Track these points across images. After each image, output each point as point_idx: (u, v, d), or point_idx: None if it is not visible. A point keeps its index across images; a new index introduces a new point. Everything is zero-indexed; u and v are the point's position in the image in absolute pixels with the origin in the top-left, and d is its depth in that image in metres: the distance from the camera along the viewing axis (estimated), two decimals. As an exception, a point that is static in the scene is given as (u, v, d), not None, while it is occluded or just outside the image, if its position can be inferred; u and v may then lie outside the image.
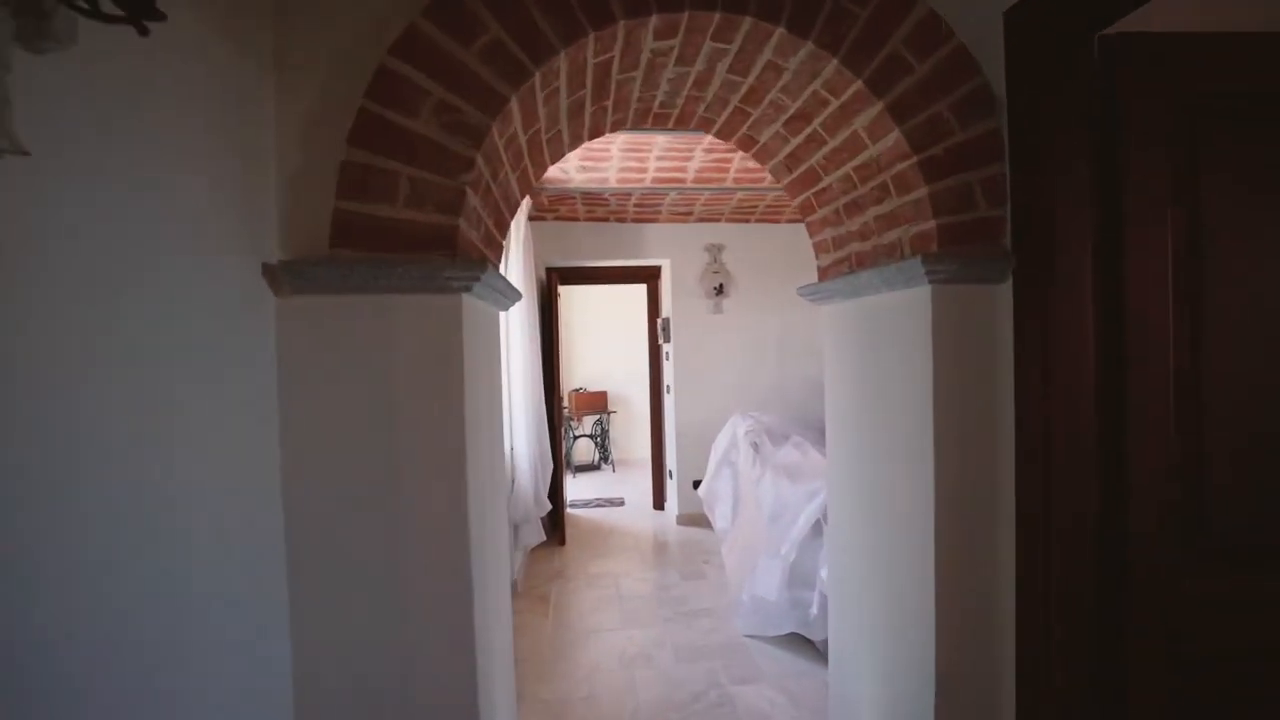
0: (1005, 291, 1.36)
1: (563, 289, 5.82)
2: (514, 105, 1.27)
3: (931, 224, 1.35)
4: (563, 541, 4.80)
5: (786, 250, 5.33)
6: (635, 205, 4.76)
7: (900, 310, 1.48)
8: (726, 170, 3.98)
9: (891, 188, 1.45)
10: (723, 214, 5.06)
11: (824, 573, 2.83)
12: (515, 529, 3.89)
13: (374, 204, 1.21)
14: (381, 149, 1.20)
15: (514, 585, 3.84)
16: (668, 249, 5.24)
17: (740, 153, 3.78)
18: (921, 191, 1.35)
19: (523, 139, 1.47)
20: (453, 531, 1.27)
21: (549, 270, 5.16)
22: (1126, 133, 1.22)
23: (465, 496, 1.27)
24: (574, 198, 4.52)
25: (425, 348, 1.24)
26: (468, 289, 1.24)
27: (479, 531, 1.35)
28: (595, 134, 1.85)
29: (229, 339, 1.08)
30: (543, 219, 5.08)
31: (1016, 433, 1.35)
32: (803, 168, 1.78)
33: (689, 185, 4.22)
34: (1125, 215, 1.21)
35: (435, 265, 1.20)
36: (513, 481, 3.81)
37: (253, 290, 1.15)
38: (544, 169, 1.84)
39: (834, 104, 1.45)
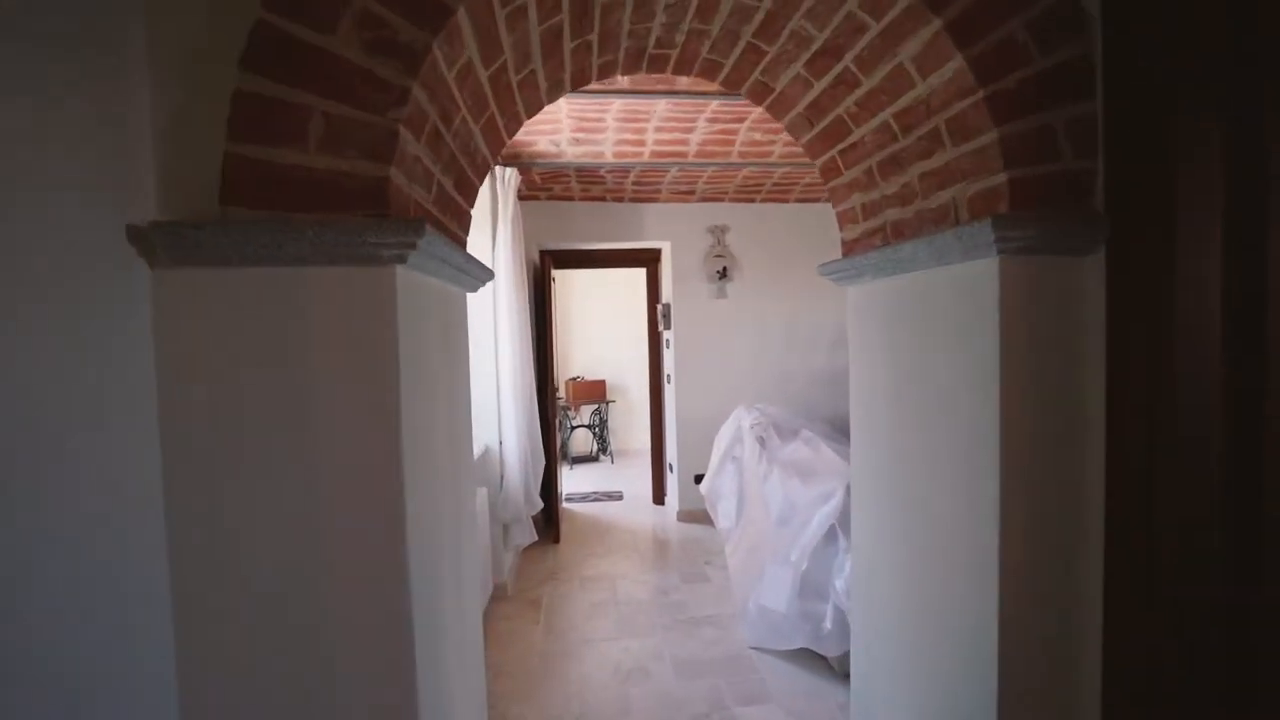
0: (1094, 266, 1.08)
1: (558, 273, 5.53)
2: (463, 20, 0.97)
3: (1002, 178, 1.06)
4: (557, 539, 4.55)
5: (794, 232, 5.02)
6: (634, 184, 4.45)
7: (955, 289, 1.20)
8: (731, 143, 3.67)
9: (945, 135, 1.16)
10: (726, 193, 4.75)
11: (839, 584, 2.56)
12: (505, 529, 3.63)
13: (277, 148, 0.92)
14: (286, 75, 0.91)
15: (504, 588, 3.58)
16: (668, 230, 4.93)
17: (745, 124, 3.47)
18: (988, 136, 1.06)
19: (483, 75, 1.18)
20: (385, 560, 0.99)
21: (543, 253, 4.86)
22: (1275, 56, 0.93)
23: (402, 518, 0.99)
24: (568, 175, 4.21)
25: (347, 336, 0.96)
26: (401, 259, 0.95)
27: (423, 555, 1.08)
28: (580, 81, 1.55)
29: (85, 325, 0.80)
30: (535, 198, 4.77)
31: (1108, 438, 1.07)
32: (827, 119, 1.48)
33: (691, 160, 3.91)
34: (1269, 170, 0.92)
35: (357, 227, 0.91)
36: (501, 479, 3.55)
37: (119, 261, 0.87)
38: (518, 123, 1.54)
39: (873, 30, 1.15)
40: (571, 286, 7.56)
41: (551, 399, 4.61)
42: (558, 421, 4.81)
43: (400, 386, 0.98)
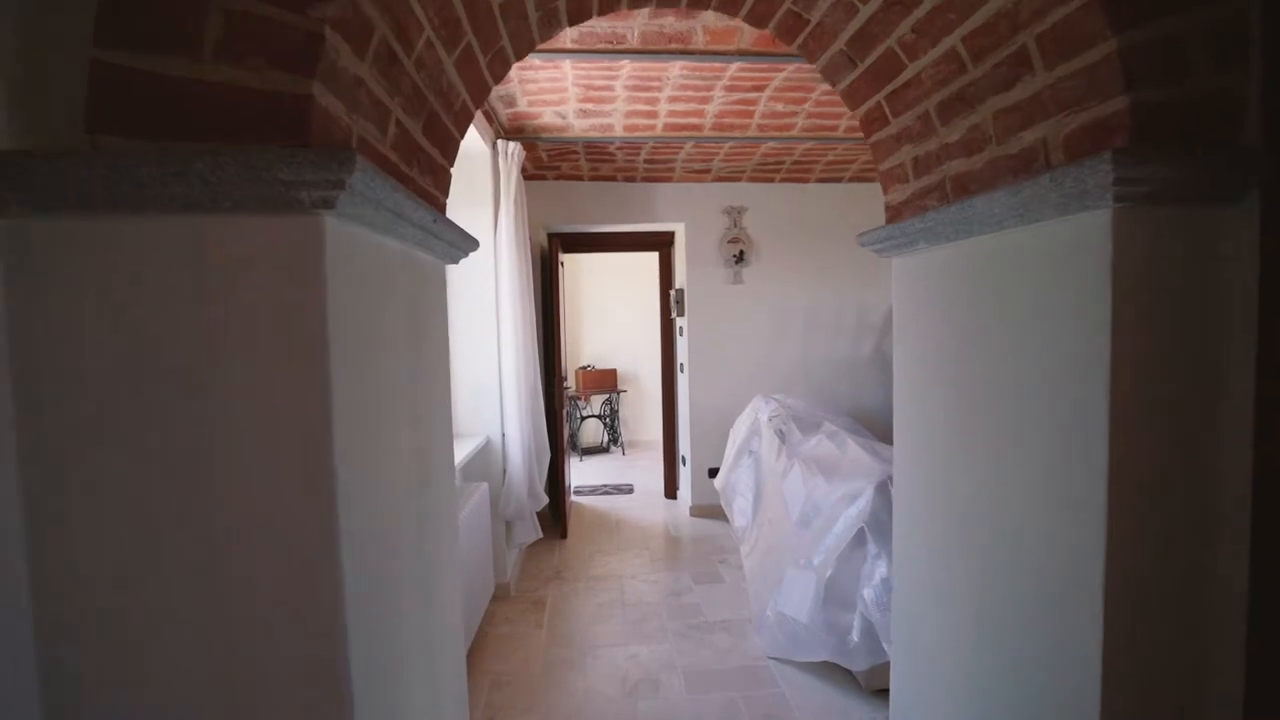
0: (1243, 217, 0.82)
1: (566, 257, 5.29)
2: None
3: (1120, 103, 0.81)
4: (564, 535, 4.35)
5: (816, 213, 4.74)
6: (646, 162, 4.20)
7: (1046, 253, 0.95)
8: (750, 115, 3.40)
9: (1036, 56, 0.91)
10: (744, 171, 4.48)
11: (868, 593, 2.33)
12: (508, 526, 3.43)
13: (161, 54, 0.69)
14: (172, -44, 0.68)
15: (506, 589, 3.38)
16: (682, 212, 4.67)
17: (766, 93, 3.20)
18: (1103, 48, 0.81)
19: (452, -16, 0.94)
20: (310, 575, 0.77)
21: (551, 236, 4.63)
22: None
23: (333, 525, 0.77)
24: (576, 151, 3.97)
25: (258, 306, 0.73)
26: (327, 203, 0.72)
27: (366, 565, 0.86)
28: (579, 13, 1.30)
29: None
30: (543, 178, 4.53)
31: (1257, 435, 0.82)
32: (875, 54, 1.23)
33: (707, 134, 3.65)
34: None
35: (263, 159, 0.69)
36: (504, 473, 3.34)
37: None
38: (504, 64, 1.31)
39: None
40: (581, 272, 7.33)
41: (559, 389, 4.40)
42: (566, 412, 4.60)
43: (331, 372, 0.75)
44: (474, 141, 3.06)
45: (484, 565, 3.03)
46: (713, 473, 4.65)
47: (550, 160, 4.17)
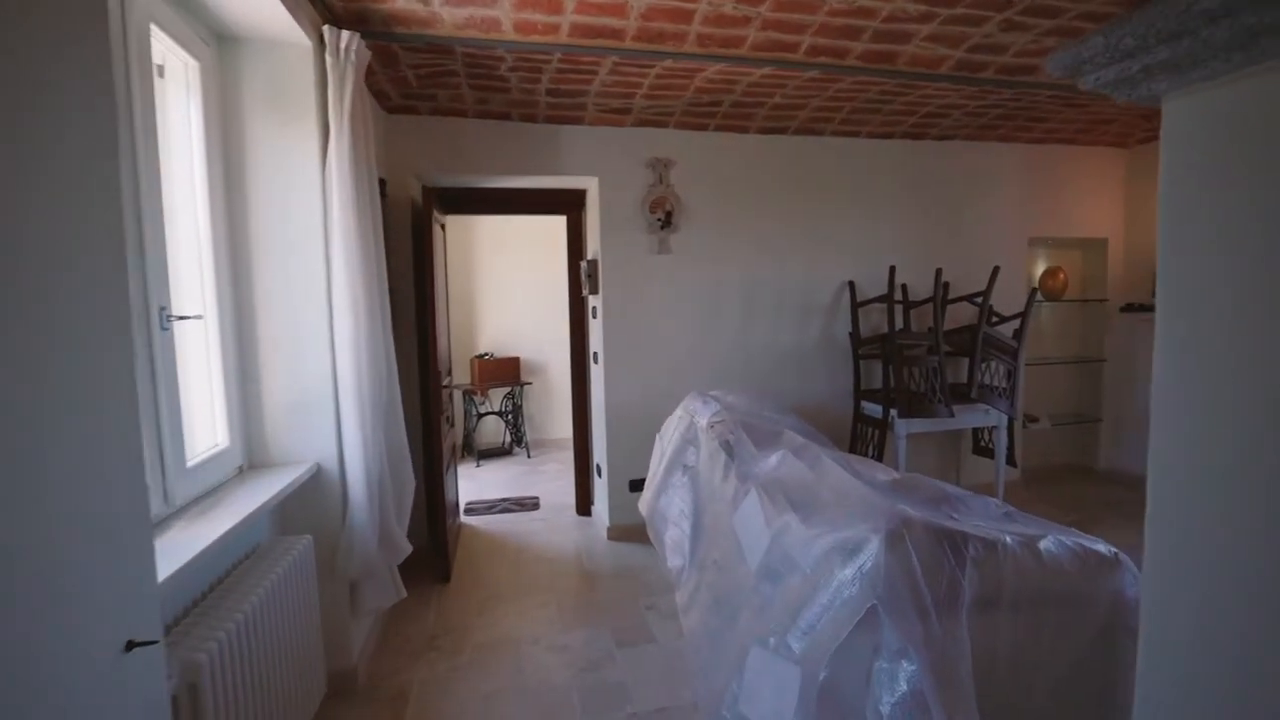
0: None
1: (449, 219, 4.23)
2: None
3: None
4: (447, 577, 3.36)
5: (756, 170, 3.95)
6: (549, 93, 3.22)
7: None
8: (688, 20, 2.50)
9: None
10: (672, 114, 3.60)
11: (886, 708, 1.54)
12: (353, 588, 2.42)
13: None
14: None
15: (353, 676, 2.38)
16: (596, 163, 3.74)
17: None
18: None
19: None
20: None
21: (426, 190, 3.56)
22: None
23: None
24: (455, 73, 2.93)
25: None
26: None
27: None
28: None
29: None
30: (412, 111, 3.45)
31: None
32: None
33: (629, 47, 2.73)
34: None
35: None
36: (344, 517, 2.32)
37: None
38: None
39: None
40: (475, 239, 6.23)
41: (435, 390, 3.37)
42: (447, 417, 3.58)
43: None
44: (277, 16, 1.98)
45: (308, 650, 2.03)
46: (635, 486, 3.81)
47: (421, 85, 3.11)
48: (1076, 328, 4.95)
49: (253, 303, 2.21)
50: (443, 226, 3.87)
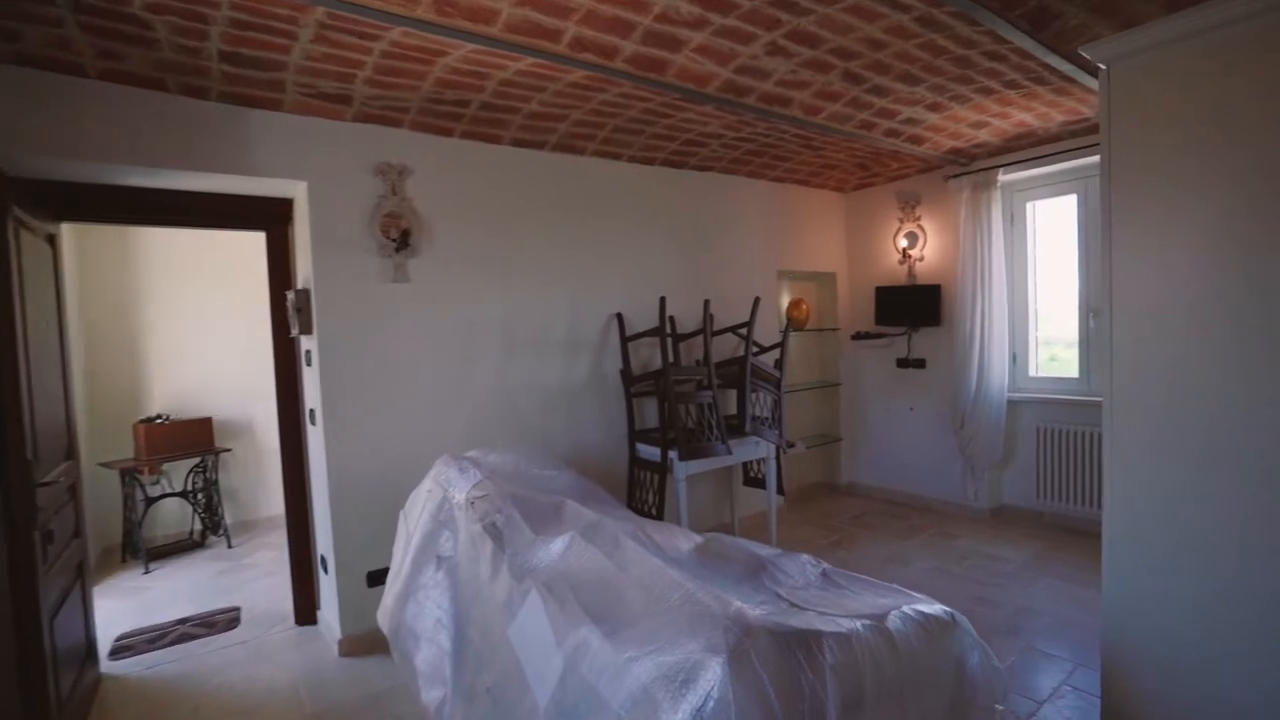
0: None
1: (76, 227, 2.94)
2: None
3: None
4: (57, 781, 2.12)
5: (510, 189, 3.43)
6: (225, 57, 2.31)
7: None
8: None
9: None
10: (406, 113, 2.92)
11: None
12: None
13: None
14: None
15: None
16: (303, 163, 2.86)
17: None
18: None
19: None
20: None
21: (12, 181, 2.32)
22: None
23: None
24: (51, 2, 1.90)
25: None
26: None
27: None
28: None
29: None
30: (-23, 57, 2.23)
31: None
32: None
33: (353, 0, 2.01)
34: None
35: None
36: None
37: None
38: None
39: None
40: (137, 259, 4.66)
41: (16, 483, 2.14)
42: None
43: None
44: None
45: None
46: (376, 579, 2.94)
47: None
48: (816, 354, 5.32)
49: None
50: (50, 238, 2.62)
